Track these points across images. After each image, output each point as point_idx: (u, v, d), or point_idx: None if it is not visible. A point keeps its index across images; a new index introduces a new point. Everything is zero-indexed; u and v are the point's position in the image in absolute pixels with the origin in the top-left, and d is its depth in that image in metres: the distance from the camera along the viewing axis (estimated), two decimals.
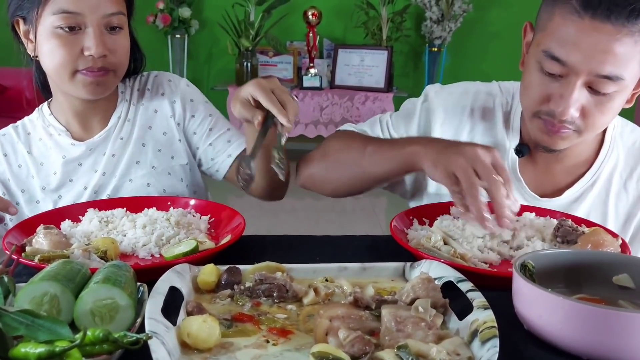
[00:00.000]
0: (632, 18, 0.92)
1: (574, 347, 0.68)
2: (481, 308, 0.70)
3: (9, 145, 1.25)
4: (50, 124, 1.25)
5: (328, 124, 4.28)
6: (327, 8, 4.47)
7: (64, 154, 1.23)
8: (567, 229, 0.98)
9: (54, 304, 0.68)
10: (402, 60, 4.72)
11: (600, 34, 0.93)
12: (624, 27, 0.93)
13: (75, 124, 1.24)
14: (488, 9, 4.54)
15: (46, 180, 1.23)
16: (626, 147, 1.16)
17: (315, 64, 4.37)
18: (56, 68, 1.13)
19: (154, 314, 0.65)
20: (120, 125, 1.26)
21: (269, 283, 0.79)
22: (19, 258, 0.85)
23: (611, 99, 0.99)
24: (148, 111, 1.28)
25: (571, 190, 1.15)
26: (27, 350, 0.58)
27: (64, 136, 1.24)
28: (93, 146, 1.24)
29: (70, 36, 1.10)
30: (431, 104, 1.22)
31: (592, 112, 1.00)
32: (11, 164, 1.24)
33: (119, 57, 1.15)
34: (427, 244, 0.96)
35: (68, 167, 1.23)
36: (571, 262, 0.80)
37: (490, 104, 1.21)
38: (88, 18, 1.09)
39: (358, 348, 0.63)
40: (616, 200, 1.15)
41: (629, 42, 0.94)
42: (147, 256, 0.96)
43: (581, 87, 0.98)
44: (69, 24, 1.09)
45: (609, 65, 0.95)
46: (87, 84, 1.13)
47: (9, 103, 3.69)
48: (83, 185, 1.23)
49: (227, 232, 1.04)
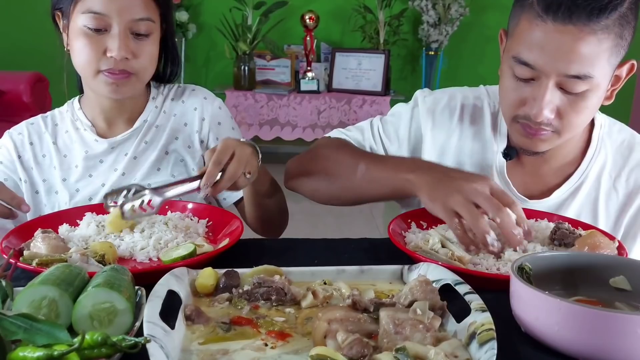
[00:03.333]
0: (592, 17, 0.93)
1: (571, 349, 0.68)
2: (479, 310, 0.70)
3: (36, 135, 1.28)
4: (78, 118, 1.28)
5: (325, 128, 4.28)
6: (324, 12, 4.49)
7: (87, 149, 1.26)
8: (564, 232, 0.99)
9: (52, 307, 0.68)
10: (399, 63, 4.73)
11: (564, 36, 0.95)
12: (585, 27, 0.94)
13: (101, 121, 1.27)
14: (484, 13, 4.56)
15: (67, 173, 1.25)
16: (614, 147, 1.17)
17: (312, 67, 4.38)
18: (82, 65, 1.17)
19: (153, 318, 0.65)
20: (145, 129, 1.28)
21: (268, 286, 0.79)
22: (17, 262, 0.85)
23: (584, 97, 1.00)
24: (178, 122, 1.30)
25: (560, 191, 1.15)
26: (26, 354, 0.57)
27: (89, 132, 1.26)
28: (115, 144, 1.26)
29: (96, 36, 1.13)
30: (421, 109, 1.23)
31: (567, 112, 1.01)
32: (36, 152, 1.26)
33: (142, 62, 1.16)
34: (425, 246, 0.96)
35: (89, 163, 1.25)
36: (568, 264, 0.81)
37: (478, 108, 1.22)
38: (114, 20, 1.11)
39: (356, 351, 0.63)
40: (606, 200, 1.16)
41: (593, 40, 0.95)
42: (145, 260, 0.96)
43: (553, 89, 0.99)
44: (95, 24, 1.12)
45: (576, 64, 0.96)
46: (108, 83, 1.16)
47: (7, 107, 3.69)
48: (101, 182, 1.25)
49: (225, 235, 1.04)
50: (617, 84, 1.07)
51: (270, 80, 4.49)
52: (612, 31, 0.95)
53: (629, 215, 1.15)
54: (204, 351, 0.67)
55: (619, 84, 1.07)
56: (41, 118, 1.30)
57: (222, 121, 1.32)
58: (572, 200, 1.15)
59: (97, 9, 1.11)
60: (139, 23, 1.13)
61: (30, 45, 4.63)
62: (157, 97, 1.31)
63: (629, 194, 1.15)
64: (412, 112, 1.24)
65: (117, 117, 1.27)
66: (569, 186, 1.15)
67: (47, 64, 5.16)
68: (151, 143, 1.27)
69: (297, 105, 4.30)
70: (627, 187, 1.15)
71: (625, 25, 0.97)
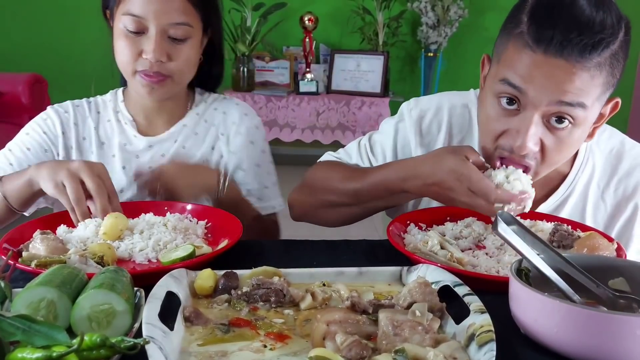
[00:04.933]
0: (585, 54, 0.90)
1: (570, 350, 0.68)
2: (478, 312, 0.70)
3: (81, 117, 1.31)
4: (120, 110, 1.31)
5: (324, 129, 4.28)
6: (323, 13, 4.49)
7: (126, 142, 1.29)
8: (562, 234, 0.99)
9: (50, 309, 0.68)
10: (398, 65, 4.73)
11: (554, 69, 0.92)
12: (577, 63, 0.91)
13: (142, 118, 1.30)
14: (483, 14, 4.56)
15: (104, 161, 1.25)
16: (603, 155, 1.14)
17: (311, 69, 4.38)
18: (121, 65, 1.20)
19: (151, 319, 0.65)
20: (185, 135, 1.30)
21: (266, 288, 0.79)
22: (16, 263, 0.85)
23: (570, 133, 0.97)
24: (216, 133, 1.32)
25: (546, 204, 1.14)
26: (24, 356, 0.57)
27: (130, 126, 1.29)
28: (153, 143, 1.29)
29: (134, 37, 1.15)
30: (407, 124, 1.22)
31: (550, 147, 0.98)
32: (79, 134, 1.30)
33: (177, 65, 1.18)
34: (424, 248, 0.96)
35: (125, 155, 1.28)
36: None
37: (466, 119, 1.20)
38: (151, 23, 1.14)
39: (355, 352, 0.63)
40: (594, 211, 1.14)
41: (585, 76, 0.92)
42: (144, 261, 0.96)
43: (538, 122, 0.96)
44: (133, 26, 1.14)
45: (570, 93, 0.93)
46: (143, 85, 1.18)
47: (6, 108, 3.69)
48: (133, 177, 1.26)
49: (224, 237, 1.03)
50: (600, 122, 1.04)
51: (269, 82, 4.49)
52: (604, 68, 0.92)
53: (618, 226, 1.14)
54: (203, 353, 0.67)
55: (601, 121, 1.04)
56: (86, 102, 1.33)
57: (255, 141, 1.33)
58: (558, 213, 1.14)
59: (135, 12, 1.14)
60: (175, 27, 1.15)
61: (29, 46, 4.64)
62: (199, 104, 1.33)
63: (617, 204, 1.13)
64: (398, 127, 1.23)
65: (157, 116, 1.30)
66: (555, 199, 1.14)
67: (45, 65, 5.15)
68: (190, 149, 1.30)
69: (296, 107, 4.30)
70: (615, 197, 1.13)
71: (615, 63, 0.94)
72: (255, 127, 1.34)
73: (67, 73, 4.57)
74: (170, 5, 1.14)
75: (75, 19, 4.53)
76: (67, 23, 4.57)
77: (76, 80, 4.25)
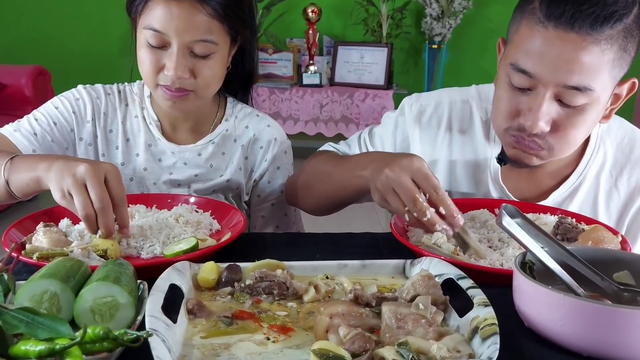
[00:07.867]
0: (596, 26, 0.90)
1: (574, 344, 0.68)
2: (482, 305, 0.70)
3: (111, 107, 1.28)
4: (146, 106, 1.28)
5: (328, 122, 4.27)
6: (326, 5, 4.47)
7: (151, 142, 1.27)
8: (567, 227, 0.98)
9: (53, 301, 0.68)
10: (402, 57, 4.71)
11: (565, 43, 0.92)
12: (588, 36, 0.91)
13: (166, 123, 1.27)
14: (488, 6, 4.53)
15: (127, 158, 1.25)
16: (615, 144, 1.14)
17: (315, 61, 4.36)
18: (144, 76, 1.16)
19: (154, 312, 0.65)
20: (211, 152, 1.27)
21: (269, 280, 0.79)
22: (19, 256, 0.85)
23: (582, 111, 0.97)
24: (242, 154, 1.29)
25: (557, 193, 1.14)
26: (27, 348, 0.57)
27: (154, 127, 1.27)
28: (177, 151, 1.26)
29: (156, 51, 1.12)
30: (407, 118, 1.22)
31: (563, 126, 0.98)
32: (107, 124, 1.27)
33: (201, 82, 1.14)
34: (427, 241, 0.95)
35: (149, 156, 1.26)
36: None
37: (466, 114, 1.20)
38: (173, 39, 1.09)
39: (358, 345, 0.63)
40: (607, 199, 1.14)
41: (596, 50, 0.92)
42: (150, 255, 0.95)
43: (550, 100, 0.96)
44: (155, 42, 1.10)
45: (576, 75, 0.93)
46: (166, 99, 1.15)
47: (9, 100, 3.69)
48: (153, 181, 1.26)
49: (227, 229, 1.03)
50: (617, 103, 1.03)
51: (272, 74, 4.48)
52: (615, 42, 0.92)
53: (631, 214, 1.14)
54: (206, 345, 0.67)
55: (618, 103, 1.04)
56: (117, 90, 1.29)
57: (281, 166, 1.32)
58: (570, 202, 1.14)
59: (156, 27, 1.09)
60: (198, 44, 1.10)
61: (32, 38, 4.64)
62: (229, 118, 1.30)
63: (631, 192, 1.14)
64: (397, 121, 1.23)
65: (182, 123, 1.27)
66: (566, 188, 1.14)
67: (48, 57, 5.15)
68: (217, 169, 1.27)
69: (299, 99, 4.29)
70: (629, 185, 1.14)
71: (629, 38, 0.93)
72: (283, 152, 1.32)
73: (70, 65, 4.57)
74: (193, 21, 1.08)
75: (79, 11, 4.53)
76: (70, 15, 4.57)
77: (79, 72, 4.26)
